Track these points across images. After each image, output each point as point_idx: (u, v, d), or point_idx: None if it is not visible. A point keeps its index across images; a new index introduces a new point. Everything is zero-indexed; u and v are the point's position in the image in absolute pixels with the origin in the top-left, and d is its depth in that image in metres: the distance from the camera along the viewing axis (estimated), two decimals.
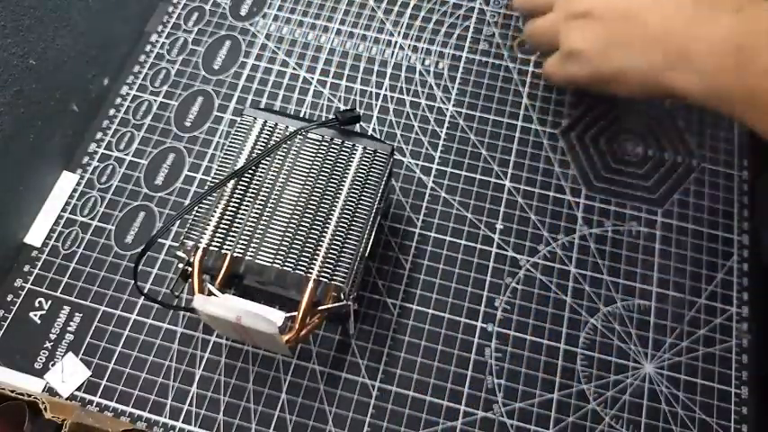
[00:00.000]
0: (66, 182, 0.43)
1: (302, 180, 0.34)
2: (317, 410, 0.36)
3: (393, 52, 0.48)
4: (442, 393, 0.37)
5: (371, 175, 0.35)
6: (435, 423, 0.36)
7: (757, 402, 0.37)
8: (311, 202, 0.34)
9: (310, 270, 0.32)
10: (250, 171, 0.34)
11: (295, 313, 0.31)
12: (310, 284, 0.32)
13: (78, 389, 0.37)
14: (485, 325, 0.39)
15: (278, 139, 0.35)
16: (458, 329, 0.39)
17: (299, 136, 0.35)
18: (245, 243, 0.33)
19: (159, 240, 0.41)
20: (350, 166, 0.35)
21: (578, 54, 0.37)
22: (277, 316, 0.30)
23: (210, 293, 0.32)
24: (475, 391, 0.37)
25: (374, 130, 0.45)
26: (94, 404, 0.36)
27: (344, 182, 0.34)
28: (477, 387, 0.37)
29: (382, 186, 0.35)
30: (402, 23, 0.49)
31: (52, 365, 0.37)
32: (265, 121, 0.36)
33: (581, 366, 0.38)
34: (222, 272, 0.33)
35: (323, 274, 0.32)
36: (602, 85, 0.37)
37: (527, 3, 0.42)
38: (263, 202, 0.34)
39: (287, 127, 0.36)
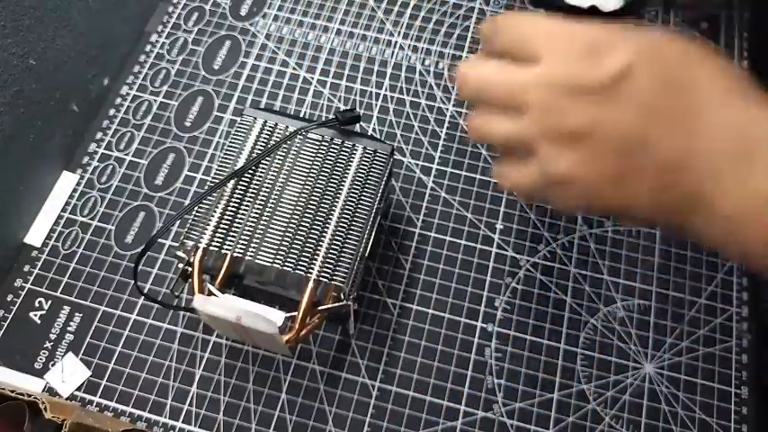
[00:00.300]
0: (67, 182, 0.42)
1: (302, 180, 0.34)
2: (317, 410, 0.36)
3: (393, 52, 0.48)
4: (442, 393, 0.37)
5: (371, 175, 0.35)
6: (435, 423, 0.36)
7: (757, 402, 0.37)
8: (311, 202, 0.34)
9: (310, 270, 0.32)
10: (250, 171, 0.34)
11: (295, 313, 0.31)
12: (310, 284, 0.32)
13: (78, 389, 0.37)
14: (485, 325, 0.39)
15: (278, 139, 0.35)
16: (458, 329, 0.39)
17: (298, 136, 0.35)
18: (245, 243, 0.33)
19: (159, 240, 0.41)
20: (350, 166, 0.35)
21: (568, 183, 0.26)
22: (277, 316, 0.30)
23: (210, 293, 0.32)
24: (475, 391, 0.37)
25: (374, 130, 0.45)
26: (94, 404, 0.36)
27: (344, 182, 0.34)
28: (477, 387, 0.37)
29: (382, 186, 0.35)
30: (402, 23, 0.49)
31: (52, 365, 0.37)
32: (265, 121, 0.36)
33: (581, 366, 0.38)
34: (222, 272, 0.33)
35: (323, 274, 0.32)
36: (600, 214, 0.32)
37: (478, 89, 0.29)
38: (263, 202, 0.34)
39: (287, 127, 0.36)
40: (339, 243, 0.33)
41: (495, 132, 0.28)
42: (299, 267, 0.32)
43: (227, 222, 0.33)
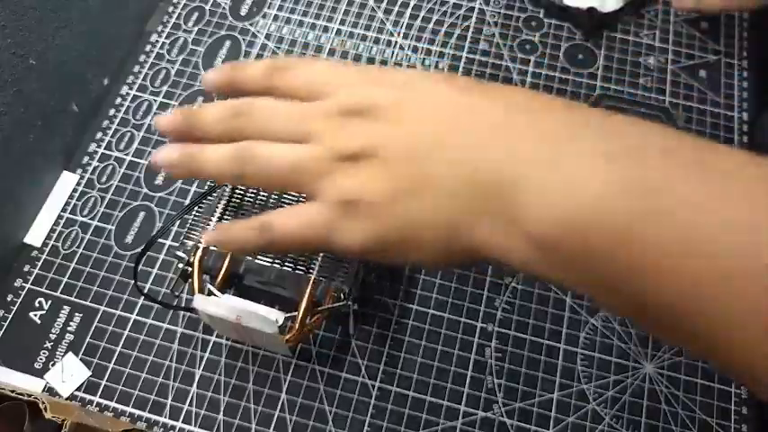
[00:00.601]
0: (67, 182, 0.42)
1: None
2: (317, 410, 0.36)
3: (393, 52, 0.48)
4: (442, 393, 0.37)
5: None
6: (435, 423, 0.36)
7: (757, 402, 0.37)
8: None
9: (310, 270, 0.32)
10: None
11: (295, 313, 0.31)
12: (310, 284, 0.32)
13: (78, 389, 0.37)
14: (485, 325, 0.39)
15: None
16: (458, 329, 0.39)
17: None
18: None
19: (159, 240, 0.41)
20: None
21: (360, 204, 0.24)
22: (277, 316, 0.30)
23: (210, 293, 0.32)
24: (475, 391, 0.37)
25: None
26: (94, 404, 0.36)
27: None
28: (477, 387, 0.37)
29: None
30: (402, 23, 0.49)
31: (52, 365, 0.37)
32: None
33: (581, 366, 0.38)
34: (222, 272, 0.33)
35: (323, 274, 0.32)
36: (386, 254, 0.26)
37: (262, 119, 0.27)
38: (262, 202, 0.34)
39: None
40: None
41: (278, 160, 0.26)
42: (298, 267, 0.32)
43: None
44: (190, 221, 0.33)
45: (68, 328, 0.38)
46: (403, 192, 0.24)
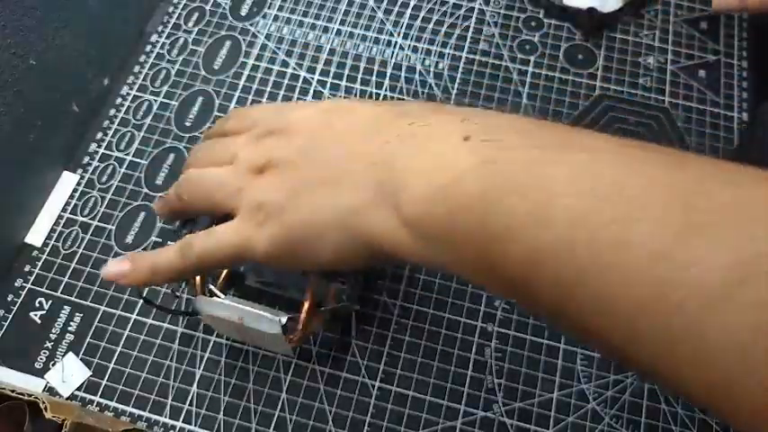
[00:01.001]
0: (67, 182, 0.43)
1: None
2: (317, 410, 0.36)
3: (393, 52, 0.48)
4: (441, 393, 0.37)
5: None
6: (435, 423, 0.36)
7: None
8: None
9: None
10: None
11: (297, 314, 0.31)
12: (312, 285, 0.32)
13: (78, 389, 0.37)
14: (485, 325, 0.39)
15: None
16: (458, 329, 0.39)
17: None
18: None
19: (158, 240, 0.41)
20: None
21: (261, 209, 0.27)
22: (279, 317, 0.30)
23: (212, 294, 0.32)
24: (475, 390, 0.37)
25: None
26: (95, 404, 0.36)
27: None
28: (477, 387, 0.37)
29: None
30: (402, 23, 0.49)
31: (52, 365, 0.37)
32: None
33: (581, 366, 0.38)
34: (224, 272, 0.33)
35: (324, 274, 0.32)
36: (295, 255, 0.27)
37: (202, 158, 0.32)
38: None
39: None
40: None
41: (207, 180, 0.30)
42: None
43: None
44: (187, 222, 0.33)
45: (69, 328, 0.38)
46: (300, 190, 0.27)
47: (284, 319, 0.30)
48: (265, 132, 0.29)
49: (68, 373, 0.37)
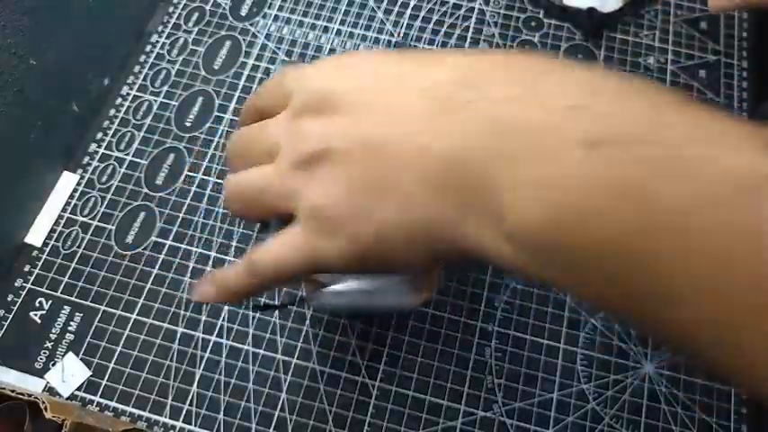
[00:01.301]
0: (67, 182, 0.43)
1: None
2: (317, 410, 0.36)
3: None
4: (441, 393, 0.37)
5: None
6: (435, 423, 0.36)
7: (757, 402, 0.37)
8: None
9: None
10: None
11: (412, 276, 0.28)
12: None
13: (78, 389, 0.37)
14: (485, 325, 0.39)
15: None
16: (458, 329, 0.39)
17: None
18: None
19: (157, 240, 0.41)
20: None
21: (321, 220, 0.22)
22: (402, 284, 0.28)
23: (323, 285, 0.29)
24: (475, 390, 0.37)
25: None
26: (95, 404, 0.36)
27: None
28: (477, 387, 0.37)
29: None
30: (402, 23, 0.49)
31: (52, 365, 0.37)
32: None
33: (581, 366, 0.38)
34: None
35: None
36: (374, 268, 0.24)
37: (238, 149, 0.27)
38: None
39: None
40: None
41: (246, 188, 0.25)
42: None
43: None
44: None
45: (69, 328, 0.38)
46: (364, 193, 0.22)
47: (408, 286, 0.28)
48: (308, 109, 0.23)
49: (68, 373, 0.37)
